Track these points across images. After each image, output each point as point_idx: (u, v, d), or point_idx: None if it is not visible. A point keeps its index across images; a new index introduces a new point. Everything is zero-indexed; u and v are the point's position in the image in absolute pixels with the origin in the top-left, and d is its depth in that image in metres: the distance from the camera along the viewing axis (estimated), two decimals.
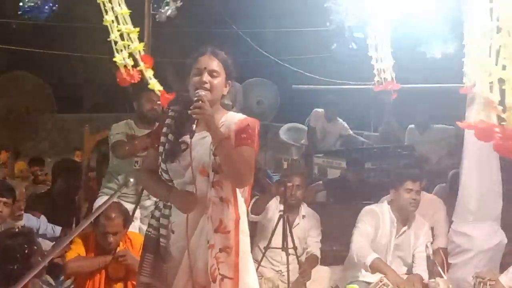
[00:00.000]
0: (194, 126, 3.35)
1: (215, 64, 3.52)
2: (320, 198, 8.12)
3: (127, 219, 4.92)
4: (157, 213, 3.59)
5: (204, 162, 3.43)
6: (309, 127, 9.84)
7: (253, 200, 5.79)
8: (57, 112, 8.85)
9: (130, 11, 5.73)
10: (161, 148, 3.54)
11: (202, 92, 3.41)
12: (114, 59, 5.76)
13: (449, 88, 9.45)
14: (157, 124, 5.18)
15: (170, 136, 3.49)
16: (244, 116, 3.57)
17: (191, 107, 3.36)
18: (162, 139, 3.56)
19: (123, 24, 5.82)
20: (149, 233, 3.61)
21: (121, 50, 5.99)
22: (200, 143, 3.45)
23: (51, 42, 13.20)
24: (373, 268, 5.18)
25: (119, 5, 5.70)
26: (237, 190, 3.50)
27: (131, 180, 2.87)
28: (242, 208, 3.54)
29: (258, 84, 11.73)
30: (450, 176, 6.74)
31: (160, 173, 3.54)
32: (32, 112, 8.10)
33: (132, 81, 5.79)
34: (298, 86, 11.37)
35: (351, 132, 9.91)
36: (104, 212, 4.59)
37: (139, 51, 6.02)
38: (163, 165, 3.51)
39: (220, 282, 3.38)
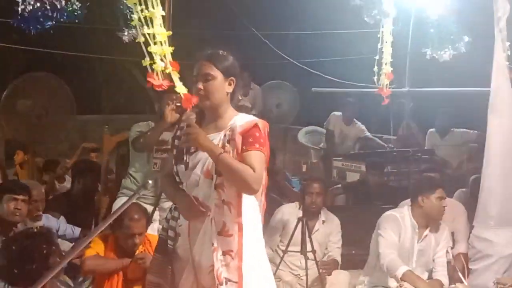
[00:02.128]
0: (187, 156, 3.43)
1: (207, 68, 3.50)
2: (339, 201, 8.08)
3: (148, 220, 4.94)
4: (168, 215, 3.63)
5: (208, 165, 3.45)
6: (328, 131, 9.81)
7: None
8: (76, 113, 8.87)
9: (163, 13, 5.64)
10: (174, 151, 3.58)
11: (190, 116, 3.46)
12: (143, 62, 5.68)
13: (471, 92, 9.42)
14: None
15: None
16: (253, 118, 3.55)
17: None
18: (176, 141, 3.60)
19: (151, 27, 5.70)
20: (161, 234, 3.67)
21: (153, 54, 5.83)
22: None
23: (71, 43, 13.25)
24: (404, 280, 5.13)
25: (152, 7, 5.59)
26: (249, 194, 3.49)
27: (150, 182, 2.87)
28: (251, 212, 3.51)
29: (278, 87, 11.71)
30: (471, 181, 6.67)
31: (174, 176, 3.58)
32: (52, 113, 8.10)
33: (163, 87, 5.71)
34: (317, 89, 11.35)
35: (368, 134, 9.87)
36: (128, 213, 4.62)
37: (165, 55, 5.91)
38: (175, 168, 3.54)
39: (225, 286, 3.40)
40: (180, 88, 3.67)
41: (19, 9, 5.15)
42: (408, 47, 9.77)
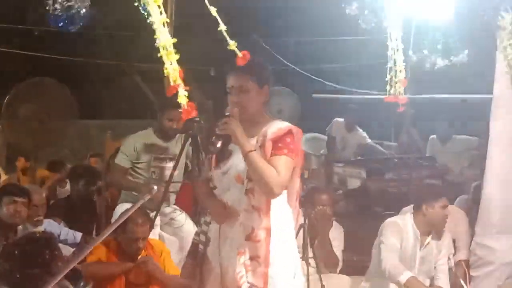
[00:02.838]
0: (219, 143, 3.43)
1: (242, 79, 3.55)
2: (341, 208, 8.08)
3: (152, 224, 4.95)
4: (202, 220, 3.69)
5: (240, 169, 3.48)
6: (329, 137, 9.80)
7: None
8: (78, 118, 8.88)
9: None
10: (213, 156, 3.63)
11: (234, 109, 3.47)
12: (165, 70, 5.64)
13: (472, 99, 9.44)
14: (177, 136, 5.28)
15: (219, 144, 3.49)
16: (286, 125, 3.55)
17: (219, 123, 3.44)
18: (212, 147, 3.58)
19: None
20: (194, 239, 3.74)
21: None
22: (239, 151, 3.47)
23: (74, 49, 13.28)
24: (408, 286, 5.12)
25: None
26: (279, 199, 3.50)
27: (155, 187, 2.88)
28: (281, 218, 3.52)
29: (279, 93, 11.71)
30: (472, 188, 6.68)
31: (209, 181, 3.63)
32: (54, 119, 8.11)
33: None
34: (318, 95, 11.37)
35: (370, 141, 9.87)
36: (132, 218, 4.61)
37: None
38: (210, 173, 3.60)
39: None
40: (182, 99, 3.70)
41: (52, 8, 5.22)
42: (409, 54, 9.79)
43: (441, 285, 5.33)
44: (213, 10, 3.74)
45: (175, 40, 4.01)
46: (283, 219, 3.54)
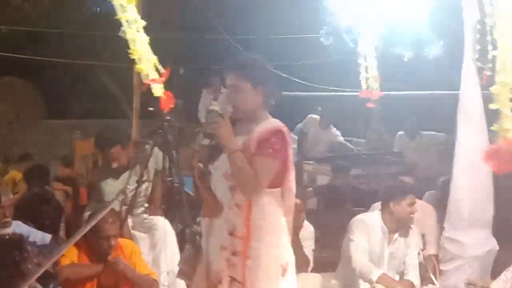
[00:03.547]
0: (206, 140, 3.51)
1: (235, 79, 3.57)
2: (311, 205, 8.11)
3: (122, 222, 4.93)
4: (200, 213, 3.84)
5: (228, 166, 3.51)
6: (301, 133, 9.80)
7: None
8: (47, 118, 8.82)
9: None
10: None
11: (227, 107, 3.51)
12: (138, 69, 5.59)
13: (439, 95, 9.53)
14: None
15: (207, 142, 3.56)
16: (274, 125, 3.54)
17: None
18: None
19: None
20: (193, 228, 4.04)
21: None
22: None
23: (40, 48, 13.16)
24: (379, 283, 5.15)
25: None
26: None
27: (129, 187, 2.88)
28: (265, 216, 3.53)
29: None
30: (440, 183, 6.75)
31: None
32: (23, 119, 8.04)
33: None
34: (287, 92, 11.38)
35: (341, 139, 9.92)
36: (102, 216, 4.60)
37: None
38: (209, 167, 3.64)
39: (229, 284, 3.50)
40: (157, 91, 3.72)
41: None
42: (377, 50, 9.87)
43: (411, 280, 5.37)
44: None
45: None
46: (269, 215, 3.56)
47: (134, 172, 5.60)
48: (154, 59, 5.50)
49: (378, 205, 6.11)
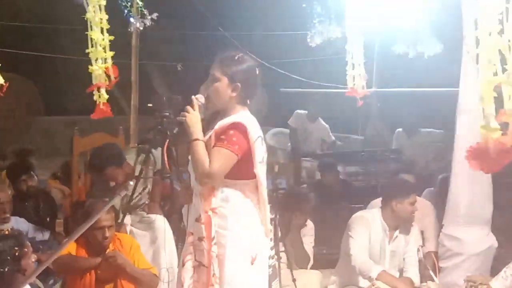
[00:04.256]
0: (176, 128, 3.88)
1: (215, 70, 3.69)
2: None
3: (116, 213, 4.90)
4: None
5: None
6: (291, 128, 9.84)
7: None
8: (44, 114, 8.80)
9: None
10: None
11: (197, 99, 3.70)
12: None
13: (438, 92, 9.54)
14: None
15: (176, 130, 3.76)
16: (233, 120, 3.64)
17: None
18: None
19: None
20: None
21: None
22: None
23: (36, 44, 13.12)
24: (379, 280, 5.15)
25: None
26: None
27: (131, 183, 2.87)
28: (228, 203, 3.65)
29: None
30: (439, 180, 6.76)
31: None
32: (19, 115, 8.01)
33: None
34: (286, 89, 11.39)
35: (332, 137, 9.98)
36: (96, 208, 4.59)
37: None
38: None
39: (197, 269, 3.67)
40: (98, 97, 3.84)
41: None
42: (376, 47, 9.87)
43: (411, 277, 5.37)
44: None
45: (112, 37, 4.03)
46: (237, 204, 3.67)
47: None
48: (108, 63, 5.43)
49: (376, 202, 6.12)
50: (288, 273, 5.58)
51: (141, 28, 7.82)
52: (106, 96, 5.40)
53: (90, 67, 5.40)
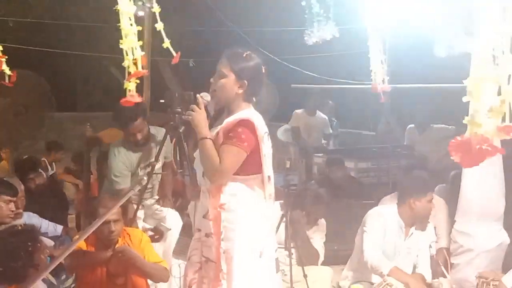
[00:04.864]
0: (182, 127, 3.69)
1: (223, 66, 3.71)
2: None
3: (124, 207, 4.89)
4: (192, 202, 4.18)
5: None
6: (293, 128, 9.87)
7: None
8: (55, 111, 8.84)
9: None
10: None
11: (202, 97, 3.73)
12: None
13: (450, 88, 9.48)
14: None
15: (182, 129, 3.78)
16: (242, 115, 3.68)
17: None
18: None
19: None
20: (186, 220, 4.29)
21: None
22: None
23: (49, 40, 13.16)
24: (391, 276, 5.13)
25: None
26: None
27: (145, 178, 2.88)
28: (237, 199, 3.68)
29: None
30: (451, 177, 6.73)
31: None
32: (31, 111, 8.05)
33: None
34: (297, 85, 11.37)
35: (330, 130, 10.20)
36: (101, 203, 4.69)
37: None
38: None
39: (204, 264, 3.72)
40: (129, 85, 3.84)
41: None
42: (386, 43, 9.81)
43: (422, 273, 5.36)
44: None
45: (140, 27, 4.05)
46: (245, 200, 3.70)
47: (145, 157, 5.64)
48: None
49: (387, 198, 6.12)
50: (299, 270, 5.58)
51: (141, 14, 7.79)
52: (134, 84, 5.40)
53: (125, 57, 5.39)
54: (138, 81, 5.25)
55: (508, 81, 2.65)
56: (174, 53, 4.12)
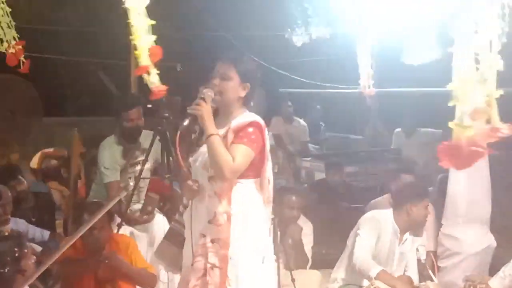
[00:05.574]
0: (186, 121, 3.61)
1: (227, 68, 3.68)
2: (308, 201, 8.10)
3: (110, 214, 4.87)
4: (181, 208, 3.98)
5: (206, 158, 3.67)
6: (274, 135, 9.87)
7: None
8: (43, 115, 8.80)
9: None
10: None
11: (208, 92, 3.63)
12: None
13: (436, 92, 9.52)
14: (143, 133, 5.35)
15: (186, 122, 3.67)
16: (250, 119, 3.68)
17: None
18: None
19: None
20: (173, 225, 4.19)
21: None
22: None
23: (36, 45, 13.10)
24: (378, 280, 5.13)
25: None
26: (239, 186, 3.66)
27: (131, 184, 2.89)
28: (245, 204, 3.67)
29: None
30: (438, 180, 6.76)
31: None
32: (19, 116, 8.01)
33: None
34: (285, 89, 11.40)
35: (307, 138, 10.20)
36: (87, 210, 4.67)
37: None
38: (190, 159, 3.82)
39: (209, 271, 3.62)
40: (154, 77, 3.82)
41: None
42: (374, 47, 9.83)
43: (409, 275, 5.36)
44: None
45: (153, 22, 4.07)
46: (247, 204, 3.70)
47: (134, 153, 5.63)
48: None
49: (377, 201, 6.13)
50: (287, 274, 5.58)
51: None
52: (155, 78, 5.38)
53: (135, 52, 5.38)
54: (158, 71, 5.23)
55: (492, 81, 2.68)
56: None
